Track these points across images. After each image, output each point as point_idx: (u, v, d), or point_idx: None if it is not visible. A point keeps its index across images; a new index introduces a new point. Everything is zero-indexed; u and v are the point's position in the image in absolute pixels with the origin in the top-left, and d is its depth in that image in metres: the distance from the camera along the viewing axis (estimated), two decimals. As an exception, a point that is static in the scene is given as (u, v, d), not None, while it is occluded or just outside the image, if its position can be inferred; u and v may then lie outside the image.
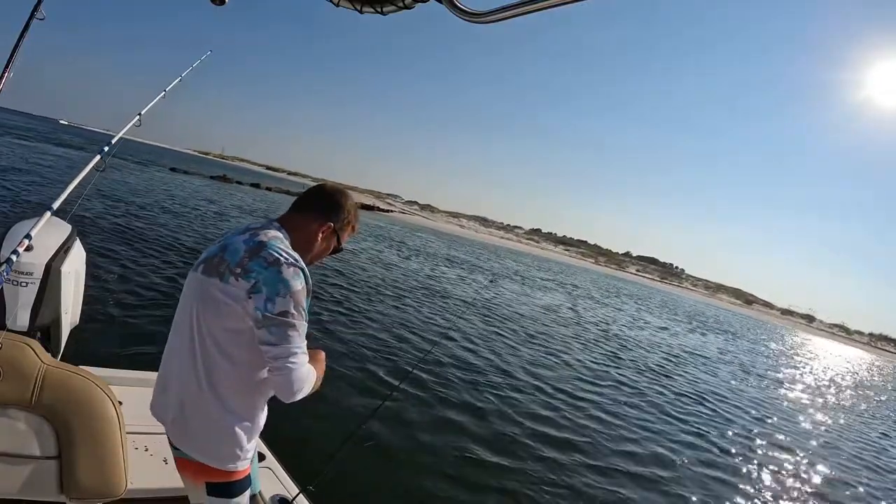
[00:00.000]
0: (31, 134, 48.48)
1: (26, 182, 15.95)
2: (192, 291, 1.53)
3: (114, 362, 3.02)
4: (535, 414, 6.82)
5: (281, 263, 1.41)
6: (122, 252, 9.46)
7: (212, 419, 1.50)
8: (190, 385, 1.50)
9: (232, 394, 1.50)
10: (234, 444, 1.52)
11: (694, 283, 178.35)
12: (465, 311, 13.33)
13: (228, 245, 1.49)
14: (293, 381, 1.42)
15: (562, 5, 0.91)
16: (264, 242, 1.46)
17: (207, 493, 1.56)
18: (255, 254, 1.43)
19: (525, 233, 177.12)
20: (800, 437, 9.78)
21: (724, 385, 13.13)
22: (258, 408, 1.58)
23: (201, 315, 1.48)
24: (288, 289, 1.39)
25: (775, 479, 7.02)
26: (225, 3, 1.82)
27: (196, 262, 1.57)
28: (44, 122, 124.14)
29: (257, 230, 1.53)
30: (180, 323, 1.56)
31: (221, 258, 1.47)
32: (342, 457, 2.57)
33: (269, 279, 1.39)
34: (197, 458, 1.53)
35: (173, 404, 1.54)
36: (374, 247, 23.70)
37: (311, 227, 1.64)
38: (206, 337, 1.47)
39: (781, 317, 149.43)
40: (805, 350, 42.90)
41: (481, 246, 62.94)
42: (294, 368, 1.41)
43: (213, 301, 1.44)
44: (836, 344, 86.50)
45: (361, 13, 1.42)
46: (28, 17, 2.13)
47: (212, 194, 30.63)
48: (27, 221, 2.08)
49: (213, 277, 1.46)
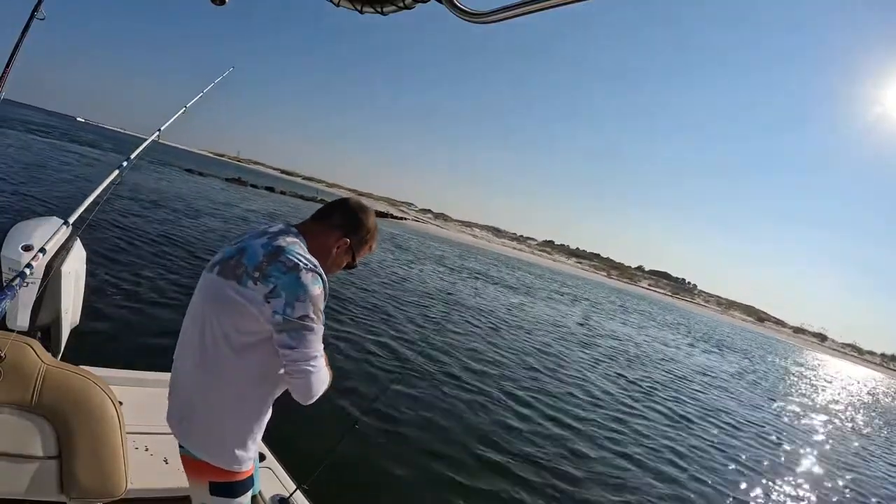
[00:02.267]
0: (52, 131, 49.27)
1: (56, 181, 16.28)
2: (206, 292, 1.53)
3: (114, 362, 3.02)
4: (537, 413, 6.82)
5: (300, 269, 1.42)
6: (122, 252, 9.47)
7: (219, 419, 1.51)
8: (199, 384, 1.51)
9: (241, 395, 1.51)
10: (240, 444, 1.53)
11: (706, 299, 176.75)
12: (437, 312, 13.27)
13: (247, 248, 1.49)
14: (311, 384, 1.45)
15: (562, 5, 0.90)
16: (283, 247, 1.46)
17: (210, 492, 1.56)
18: (273, 258, 1.43)
19: (538, 244, 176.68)
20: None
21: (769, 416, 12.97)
22: (265, 410, 1.58)
23: (215, 316, 1.48)
24: (307, 293, 1.40)
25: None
26: (225, 2, 1.82)
27: (211, 262, 1.57)
28: (62, 120, 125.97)
29: (276, 234, 1.52)
30: (192, 322, 1.56)
31: (239, 261, 1.47)
32: (340, 455, 2.55)
33: (288, 284, 1.40)
34: (202, 458, 1.53)
35: (182, 403, 1.55)
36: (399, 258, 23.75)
37: (328, 239, 1.63)
38: (219, 338, 1.47)
39: (793, 335, 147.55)
40: (829, 373, 42.21)
41: (497, 257, 62.89)
42: (314, 372, 1.44)
43: (229, 302, 1.44)
44: (850, 364, 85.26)
45: (361, 13, 1.41)
46: (28, 17, 2.15)
47: (225, 197, 30.92)
48: (28, 222, 2.09)
49: (230, 280, 1.45)
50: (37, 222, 2.15)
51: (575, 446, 6.38)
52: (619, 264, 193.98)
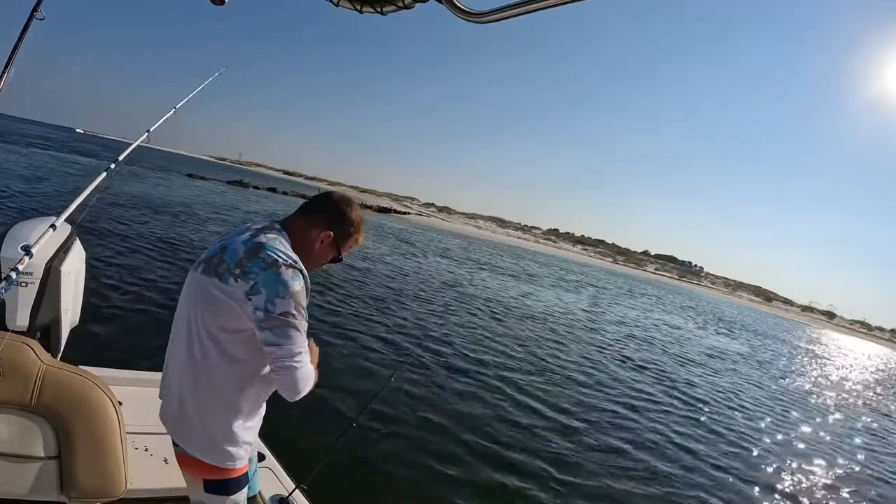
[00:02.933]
0: (51, 143, 49.44)
1: (57, 189, 16.40)
2: (191, 290, 1.54)
3: (114, 362, 3.04)
4: (545, 411, 6.82)
5: (280, 265, 1.43)
6: (122, 252, 9.53)
7: (209, 417, 1.51)
8: (188, 383, 1.51)
9: (229, 393, 1.51)
10: (231, 442, 1.53)
11: (713, 281, 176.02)
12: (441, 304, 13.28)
13: (228, 245, 1.50)
14: (297, 380, 1.45)
15: (562, 5, 0.92)
16: (263, 244, 1.47)
17: (205, 489, 1.58)
18: (253, 255, 1.44)
19: (543, 233, 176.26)
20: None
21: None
22: (255, 407, 1.59)
23: (200, 314, 1.49)
24: (287, 290, 1.41)
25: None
26: (224, 2, 1.82)
27: (197, 261, 1.58)
28: (61, 131, 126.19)
29: (258, 231, 1.54)
30: (179, 322, 1.57)
31: (221, 258, 1.48)
32: (339, 454, 2.56)
33: (268, 280, 1.41)
34: (195, 455, 1.54)
35: (174, 402, 1.56)
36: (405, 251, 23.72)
37: (311, 233, 1.64)
38: (205, 336, 1.48)
39: (802, 314, 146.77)
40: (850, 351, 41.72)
41: (503, 247, 62.81)
42: (298, 367, 1.44)
43: (213, 300, 1.45)
44: (861, 341, 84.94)
45: (361, 13, 1.42)
46: (28, 17, 2.15)
47: (227, 199, 31.02)
48: (26, 222, 2.09)
49: (212, 277, 1.47)
50: (36, 223, 2.15)
51: (587, 442, 6.27)
52: (625, 249, 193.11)
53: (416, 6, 1.33)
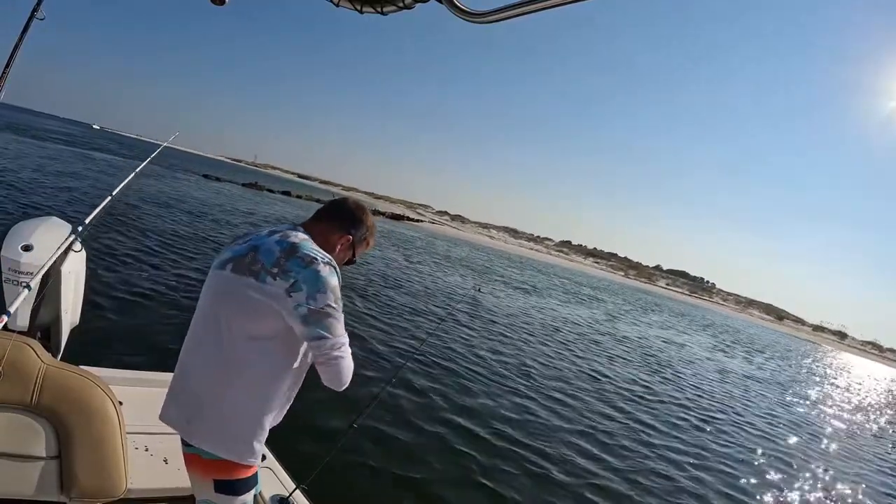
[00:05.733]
0: (72, 139, 50.15)
1: (63, 185, 16.55)
2: (219, 289, 1.57)
3: (114, 362, 3.05)
4: (547, 410, 6.76)
5: (318, 262, 1.50)
6: (123, 253, 9.48)
7: (239, 414, 1.53)
8: (215, 380, 1.53)
9: (258, 389, 1.54)
10: (253, 437, 1.56)
11: (724, 298, 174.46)
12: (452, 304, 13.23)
13: (260, 246, 1.55)
14: (343, 370, 1.54)
15: (562, 5, 0.91)
16: (297, 244, 1.54)
17: (215, 489, 1.58)
18: (291, 254, 1.50)
19: (555, 245, 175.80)
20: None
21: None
22: (285, 403, 1.63)
23: (230, 312, 1.52)
24: (326, 285, 1.49)
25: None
26: (225, 2, 1.83)
27: (220, 261, 1.61)
28: (77, 126, 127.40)
29: (286, 232, 1.60)
30: (205, 321, 1.59)
31: (255, 258, 1.52)
32: (340, 454, 2.56)
33: (309, 277, 1.47)
34: (213, 453, 1.54)
35: (192, 401, 1.56)
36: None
37: (331, 237, 1.72)
38: (236, 334, 1.50)
39: (813, 333, 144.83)
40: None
41: (517, 259, 62.67)
42: (345, 357, 1.53)
43: (247, 299, 1.49)
44: (872, 363, 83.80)
45: (361, 13, 1.42)
46: (28, 17, 2.17)
47: (244, 202, 31.22)
48: (27, 222, 2.11)
49: (247, 277, 1.50)
50: (36, 222, 2.17)
51: (591, 450, 6.24)
52: (637, 264, 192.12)
53: (417, 6, 1.33)
